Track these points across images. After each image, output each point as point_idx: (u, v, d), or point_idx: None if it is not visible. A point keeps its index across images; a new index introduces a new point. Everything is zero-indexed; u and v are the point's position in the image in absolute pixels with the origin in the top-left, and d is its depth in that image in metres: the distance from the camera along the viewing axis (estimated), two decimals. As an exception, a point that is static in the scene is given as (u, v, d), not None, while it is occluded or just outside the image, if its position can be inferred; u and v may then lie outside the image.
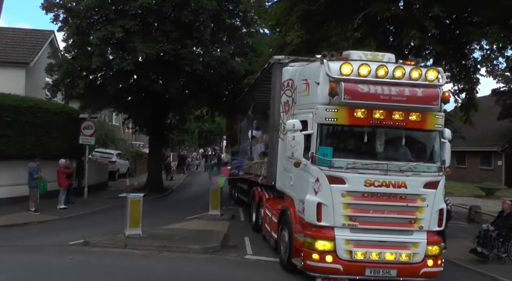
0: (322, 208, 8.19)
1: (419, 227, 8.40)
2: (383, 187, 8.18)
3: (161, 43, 20.74)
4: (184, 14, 20.41)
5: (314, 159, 8.36)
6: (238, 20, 24.45)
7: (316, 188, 8.27)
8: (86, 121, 20.10)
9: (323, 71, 8.33)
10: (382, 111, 8.17)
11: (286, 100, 10.29)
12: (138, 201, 11.85)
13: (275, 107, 11.08)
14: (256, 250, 11.38)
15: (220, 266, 9.91)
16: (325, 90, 8.19)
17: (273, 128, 11.23)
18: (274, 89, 11.12)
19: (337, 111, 8.13)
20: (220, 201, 16.22)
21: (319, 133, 8.43)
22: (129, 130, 42.58)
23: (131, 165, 35.46)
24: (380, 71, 8.24)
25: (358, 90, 8.01)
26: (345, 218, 8.19)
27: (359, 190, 8.20)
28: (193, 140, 64.19)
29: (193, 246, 11.11)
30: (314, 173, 8.38)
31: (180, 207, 19.70)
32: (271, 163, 11.28)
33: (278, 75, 10.82)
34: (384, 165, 8.27)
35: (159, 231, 12.77)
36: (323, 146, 8.38)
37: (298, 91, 9.63)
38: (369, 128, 8.42)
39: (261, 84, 13.83)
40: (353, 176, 8.19)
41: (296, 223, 9.20)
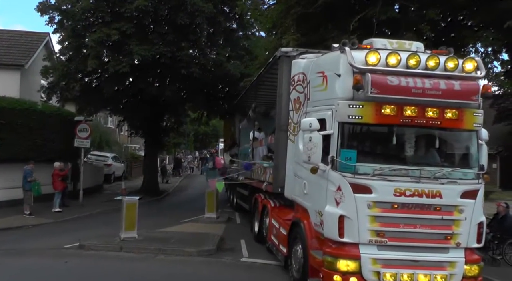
0: (345, 221, 6.91)
1: (456, 244, 7.11)
2: (415, 196, 6.92)
3: (157, 45, 20.29)
4: (180, 17, 19.98)
5: (335, 164, 7.06)
6: (234, 23, 23.82)
7: (338, 198, 6.96)
8: (82, 123, 19.54)
9: (345, 61, 7.06)
10: (414, 108, 6.93)
11: (296, 97, 9.01)
12: (133, 204, 11.62)
13: (282, 105, 9.79)
14: (252, 252, 11.11)
15: (216, 269, 9.71)
16: (347, 83, 6.97)
17: (279, 129, 9.92)
18: (281, 85, 9.84)
19: (362, 108, 6.89)
20: (216, 204, 15.85)
21: (340, 133, 7.11)
22: (124, 133, 42.48)
23: (127, 168, 34.57)
24: (411, 61, 7.01)
25: (387, 82, 6.79)
26: (372, 233, 6.91)
27: (388, 201, 6.92)
28: (189, 143, 62.85)
29: (189, 249, 10.86)
30: (335, 181, 7.05)
31: (175, 210, 19.25)
32: (277, 168, 9.91)
33: (285, 69, 9.64)
34: (415, 171, 7.02)
35: (155, 234, 12.54)
36: (346, 148, 7.10)
37: (312, 85, 8.30)
38: (398, 128, 7.12)
39: (264, 81, 12.67)
40: (381, 184, 6.89)
41: (311, 237, 7.85)
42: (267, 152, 12.86)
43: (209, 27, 22.15)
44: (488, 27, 12.62)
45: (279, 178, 9.81)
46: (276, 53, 10.09)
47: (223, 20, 22.21)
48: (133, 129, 28.12)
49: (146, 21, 20.65)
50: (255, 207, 13.13)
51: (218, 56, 22.12)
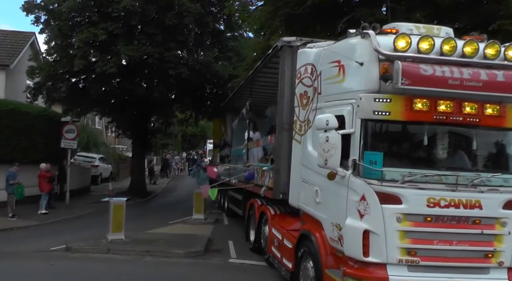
0: (370, 237, 5.71)
1: (498, 263, 5.94)
2: (451, 207, 5.79)
3: (145, 46, 19.71)
4: (168, 17, 19.43)
5: (358, 169, 5.89)
6: (222, 24, 23.30)
7: (362, 210, 5.79)
8: (68, 124, 19.08)
9: (369, 47, 5.91)
10: (449, 102, 5.86)
11: (303, 91, 7.82)
12: (121, 205, 11.36)
13: (283, 102, 8.72)
14: (240, 253, 10.87)
15: (204, 271, 9.46)
16: (372, 73, 5.89)
17: (281, 128, 8.81)
18: (283, 79, 8.73)
19: (390, 102, 5.79)
20: (203, 205, 15.45)
21: (363, 132, 5.94)
22: (112, 134, 42.11)
23: (114, 169, 33.81)
24: (446, 46, 5.90)
25: (420, 72, 5.67)
26: (401, 251, 5.73)
27: (420, 213, 5.76)
28: (177, 144, 61.81)
29: (177, 250, 10.62)
30: (358, 189, 5.84)
31: (163, 211, 18.82)
32: (278, 171, 8.77)
33: (288, 60, 8.57)
34: (449, 177, 5.90)
35: (143, 236, 12.21)
36: (370, 150, 5.94)
37: (324, 77, 7.07)
38: (430, 126, 6.02)
39: (260, 77, 11.60)
40: (413, 193, 5.72)
41: (326, 254, 6.60)
42: (263, 153, 11.98)
43: (197, 28, 21.66)
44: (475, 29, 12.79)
45: (280, 183, 8.68)
46: (277, 43, 8.98)
47: (211, 20, 21.63)
48: (120, 130, 27.48)
49: (134, 21, 19.90)
50: (251, 213, 11.69)
51: (206, 57, 21.46)
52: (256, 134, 13.52)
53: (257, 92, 12.86)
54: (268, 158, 11.03)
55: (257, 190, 10.83)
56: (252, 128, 13.62)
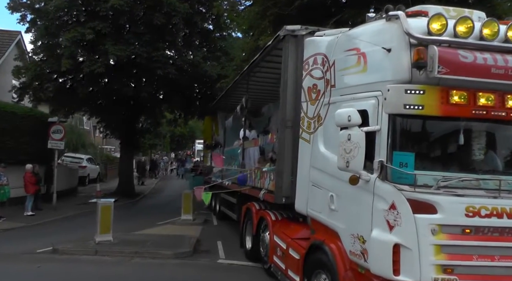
0: (401, 252, 4.82)
1: None
2: (493, 217, 4.89)
3: (133, 45, 19.34)
4: (156, 17, 18.98)
5: (385, 172, 4.97)
6: (210, 24, 22.95)
7: (391, 220, 4.88)
8: (55, 125, 18.73)
9: (397, 31, 5.06)
10: (490, 95, 4.96)
11: (312, 84, 6.94)
12: (108, 206, 11.18)
13: (286, 97, 7.87)
14: (229, 254, 10.69)
15: (193, 271, 9.31)
16: (403, 60, 4.99)
17: (284, 126, 7.95)
18: (286, 72, 7.88)
19: (423, 94, 4.89)
20: (192, 206, 15.26)
21: (391, 129, 5.01)
22: (100, 134, 41.79)
23: (102, 170, 33.42)
24: (486, 30, 5.02)
25: (460, 58, 4.80)
26: (437, 269, 4.80)
27: (458, 223, 4.85)
28: (165, 144, 61.21)
29: (165, 251, 10.46)
30: (387, 196, 4.93)
31: (152, 212, 18.49)
32: (281, 173, 7.90)
33: (292, 51, 7.78)
34: (488, 182, 5.03)
35: (131, 237, 12.00)
36: (399, 150, 5.02)
37: (338, 68, 6.19)
38: (467, 122, 5.11)
39: (257, 71, 10.73)
40: (449, 201, 4.82)
41: (345, 269, 5.65)
42: (260, 153, 11.29)
43: (185, 28, 21.16)
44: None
45: (283, 186, 7.85)
46: (280, 33, 8.07)
47: (199, 20, 21.26)
48: (108, 130, 27.04)
49: (122, 21, 19.49)
50: (247, 218, 10.64)
51: (194, 57, 21.16)
52: (252, 132, 12.70)
53: (254, 88, 11.95)
54: (267, 159, 10.23)
55: (254, 193, 9.92)
56: (248, 126, 12.72)
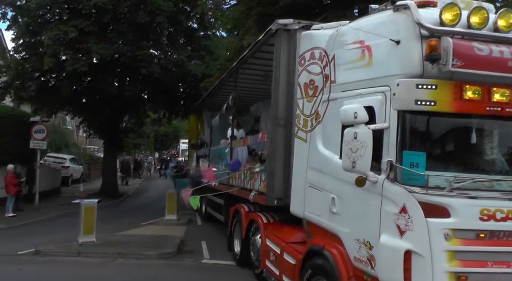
0: (413, 259, 4.49)
1: None
2: (509, 220, 4.57)
3: (117, 44, 19.20)
4: (140, 15, 18.95)
5: (395, 173, 4.63)
6: (195, 23, 22.94)
7: (402, 225, 4.55)
8: (38, 124, 18.47)
9: (406, 21, 4.76)
10: (505, 90, 4.68)
11: (308, 80, 6.58)
12: (92, 207, 11.07)
13: (278, 94, 7.58)
14: (213, 254, 10.64)
15: (177, 272, 9.27)
16: (413, 53, 4.67)
17: (276, 124, 7.62)
18: (278, 68, 7.56)
19: (435, 89, 4.56)
20: (176, 206, 15.17)
21: (401, 127, 4.68)
22: (83, 134, 41.47)
23: (85, 170, 33.13)
24: (501, 21, 4.77)
25: (475, 51, 4.52)
26: (450, 276, 4.47)
27: (472, 228, 4.53)
28: (149, 144, 60.24)
29: (149, 252, 10.40)
30: (397, 198, 4.60)
31: (135, 212, 18.32)
32: (272, 174, 7.54)
33: (284, 46, 7.47)
34: (503, 183, 4.77)
35: (114, 238, 11.89)
36: (410, 150, 4.68)
37: (339, 63, 5.82)
38: (481, 120, 4.84)
39: (246, 68, 10.38)
40: (463, 204, 4.49)
41: (349, 277, 5.33)
42: (249, 153, 11.11)
43: (169, 26, 21.21)
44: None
45: (275, 188, 7.51)
46: (271, 27, 7.78)
47: (184, 19, 21.25)
48: (92, 130, 26.82)
49: (105, 19, 19.34)
50: (235, 221, 10.20)
51: (179, 56, 21.03)
52: (240, 131, 12.33)
53: (243, 85, 11.55)
54: (255, 158, 9.98)
55: (244, 195, 9.49)
56: (236, 125, 12.31)
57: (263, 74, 10.10)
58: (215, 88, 13.70)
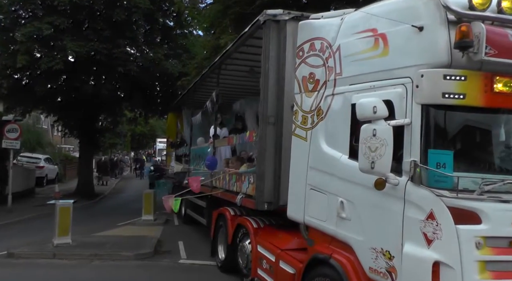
0: (441, 272, 3.98)
1: None
2: None
3: (92, 42, 18.81)
4: (116, 13, 18.67)
5: (420, 175, 4.12)
6: (171, 21, 22.75)
7: (429, 233, 4.04)
8: (10, 123, 18.23)
9: (431, 5, 4.27)
10: None
11: (308, 73, 5.98)
12: (67, 208, 10.91)
13: (268, 89, 7.04)
14: (190, 254, 10.61)
15: (154, 272, 9.22)
16: (440, 40, 4.16)
17: (265, 121, 7.07)
18: (267, 62, 7.05)
19: (465, 80, 4.10)
20: (153, 206, 15.07)
21: (425, 123, 4.19)
22: (58, 133, 40.91)
23: (61, 170, 32.50)
24: None
25: (509, 38, 4.10)
26: None
27: (505, 235, 4.06)
28: (126, 144, 59.85)
29: (126, 253, 10.31)
30: (424, 203, 4.08)
31: (112, 213, 18.15)
32: (262, 176, 7.01)
33: (274, 38, 7.02)
34: None
35: (90, 239, 11.77)
36: (436, 148, 4.17)
37: (346, 53, 5.26)
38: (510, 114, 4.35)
39: (230, 61, 9.83)
40: (495, 208, 4.03)
41: None
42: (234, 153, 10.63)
43: (146, 24, 21.04)
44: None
45: (265, 191, 6.99)
46: (259, 17, 7.28)
47: (160, 17, 21.08)
48: (67, 129, 26.44)
49: (81, 16, 19.14)
50: (219, 225, 9.58)
51: (155, 54, 20.88)
52: (223, 130, 11.90)
53: (225, 82, 11.01)
54: (240, 158, 9.59)
55: (229, 198, 8.98)
56: (219, 123, 11.71)
57: (247, 70, 9.80)
58: (196, 84, 13.17)
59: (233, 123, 12.19)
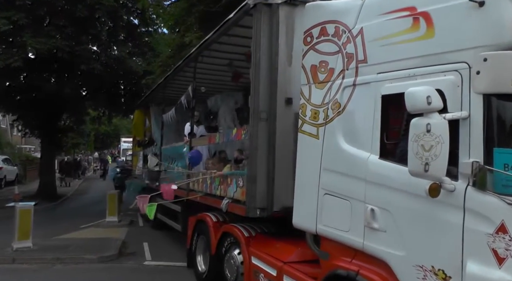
0: None
1: None
2: None
3: (54, 38, 18.39)
4: (79, 9, 18.23)
5: (484, 179, 3.40)
6: (136, 18, 22.50)
7: (501, 250, 3.31)
8: None
9: None
10: None
11: (319, 61, 5.20)
12: (28, 210, 10.76)
13: (259, 82, 6.30)
14: (155, 255, 10.56)
15: (118, 275, 9.17)
16: (506, 16, 3.51)
17: (256, 117, 6.31)
18: (258, 51, 6.32)
19: None
20: (117, 207, 14.96)
21: (488, 117, 3.47)
22: (18, 133, 40.16)
23: (21, 171, 31.74)
24: None
25: None
26: None
27: None
28: (89, 144, 58.74)
29: (89, 256, 10.18)
30: (492, 213, 3.37)
31: (75, 215, 17.72)
32: (254, 179, 6.23)
33: (265, 24, 6.28)
34: None
35: (52, 242, 11.56)
36: (502, 147, 3.42)
37: (372, 38, 4.52)
38: None
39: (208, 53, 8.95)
40: None
41: None
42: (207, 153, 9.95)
43: (110, 22, 20.63)
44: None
45: (257, 195, 6.21)
46: (248, 1, 6.55)
47: (124, 14, 20.83)
48: (27, 128, 25.93)
49: (41, 12, 18.59)
50: (198, 232, 8.63)
51: (119, 52, 20.65)
52: (200, 128, 10.88)
53: (200, 76, 9.88)
54: (221, 158, 8.91)
55: (211, 202, 8.12)
56: (196, 120, 10.68)
57: (226, 64, 9.19)
58: (167, 79, 12.06)
59: (208, 121, 11.53)
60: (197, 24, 13.88)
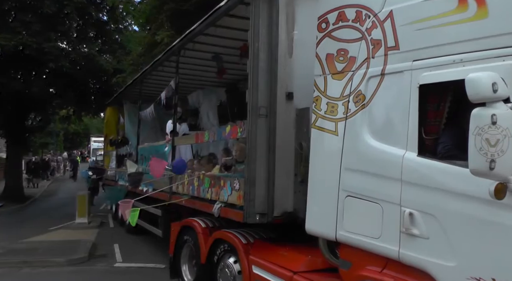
0: None
1: None
2: None
3: (21, 34, 17.96)
4: (46, 5, 17.98)
5: None
6: (105, 15, 22.24)
7: None
8: None
9: None
10: None
11: (336, 50, 4.71)
12: None
13: (258, 74, 5.78)
14: (126, 256, 10.54)
15: (88, 278, 9.09)
16: None
17: (255, 114, 5.77)
18: (257, 40, 5.79)
19: None
20: (87, 208, 14.86)
21: None
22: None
23: None
24: None
25: None
26: None
27: None
28: (58, 143, 58.10)
29: (58, 259, 10.06)
30: None
31: (43, 217, 17.51)
32: (253, 181, 5.67)
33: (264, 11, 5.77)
34: None
35: (19, 245, 11.42)
36: None
37: (405, 21, 4.01)
38: None
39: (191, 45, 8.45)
40: None
41: None
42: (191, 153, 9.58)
43: (79, 18, 20.32)
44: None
45: (256, 199, 5.69)
46: None
47: (93, 11, 20.46)
48: (-8, 128, 25.07)
49: (6, 6, 18.34)
50: (183, 240, 7.80)
51: (89, 50, 20.35)
52: (183, 126, 10.32)
53: (182, 70, 9.36)
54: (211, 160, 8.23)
55: (199, 206, 7.50)
56: (179, 117, 10.09)
57: (212, 56, 8.67)
58: (144, 74, 11.31)
59: (191, 119, 10.95)
60: (168, 22, 13.80)
